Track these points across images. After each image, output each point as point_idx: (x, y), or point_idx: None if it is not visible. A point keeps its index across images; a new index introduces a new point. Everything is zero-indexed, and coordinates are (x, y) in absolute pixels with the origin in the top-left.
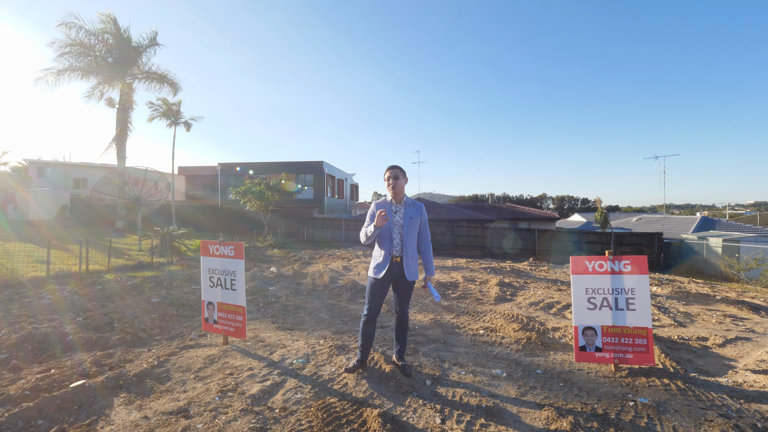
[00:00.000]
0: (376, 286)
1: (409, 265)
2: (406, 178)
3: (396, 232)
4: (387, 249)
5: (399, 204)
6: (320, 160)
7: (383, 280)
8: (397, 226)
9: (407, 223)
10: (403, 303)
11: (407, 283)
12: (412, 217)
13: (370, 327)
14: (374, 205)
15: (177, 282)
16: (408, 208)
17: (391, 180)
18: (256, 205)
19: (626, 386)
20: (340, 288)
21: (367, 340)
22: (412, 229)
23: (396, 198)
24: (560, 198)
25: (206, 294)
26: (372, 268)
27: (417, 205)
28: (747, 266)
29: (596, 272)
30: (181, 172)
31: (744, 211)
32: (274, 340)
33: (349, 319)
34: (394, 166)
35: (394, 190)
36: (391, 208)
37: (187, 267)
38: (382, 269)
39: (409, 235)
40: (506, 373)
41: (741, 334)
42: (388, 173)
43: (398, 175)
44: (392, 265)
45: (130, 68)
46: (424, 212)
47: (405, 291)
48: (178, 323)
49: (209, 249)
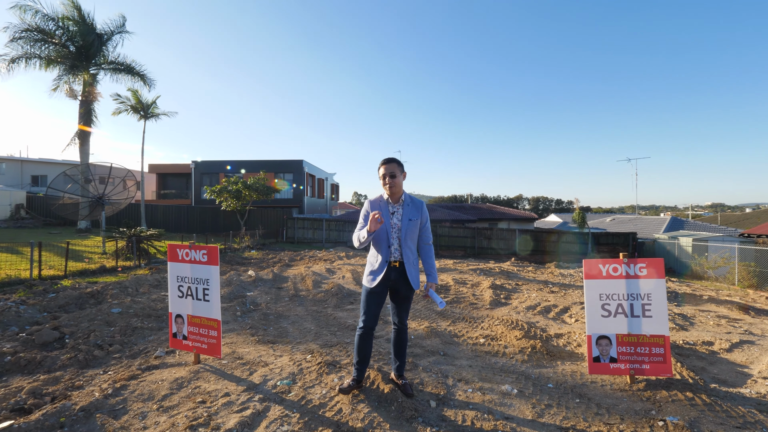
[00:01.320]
0: (372, 295)
1: (410, 272)
2: (404, 173)
3: (393, 236)
4: (384, 254)
5: (396, 204)
6: (300, 159)
7: (380, 289)
8: (395, 229)
9: (406, 225)
10: (402, 314)
11: (408, 291)
12: (411, 218)
13: (367, 341)
14: (368, 203)
15: (144, 288)
16: (407, 208)
17: (388, 178)
18: (232, 204)
19: (647, 401)
20: (324, 293)
21: (364, 357)
22: (412, 231)
23: (393, 197)
24: (536, 199)
25: (174, 305)
26: (367, 275)
27: (417, 203)
28: (715, 264)
29: (610, 276)
30: (152, 169)
31: (703, 212)
32: (254, 356)
33: (337, 329)
34: (389, 160)
35: (391, 189)
36: (387, 208)
37: (157, 271)
38: (377, 276)
39: (409, 239)
40: (517, 390)
41: (743, 337)
42: (383, 169)
43: (395, 171)
44: (389, 271)
45: (94, 57)
46: (425, 211)
47: (404, 301)
48: (143, 337)
49: (178, 254)
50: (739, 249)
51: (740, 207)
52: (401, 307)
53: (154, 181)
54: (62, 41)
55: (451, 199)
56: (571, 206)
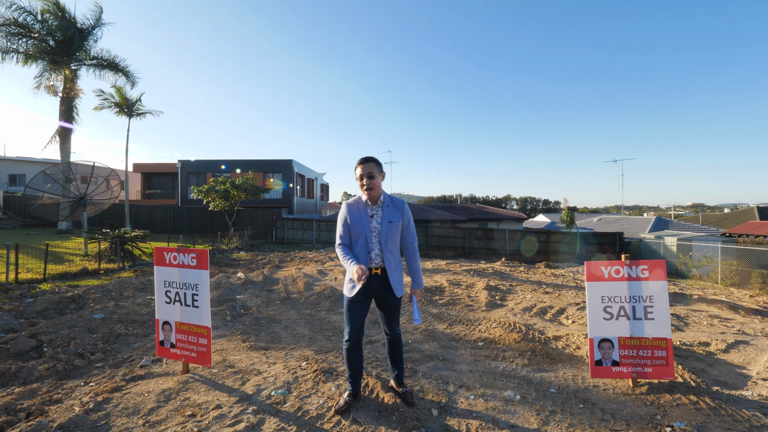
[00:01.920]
0: (354, 305)
1: (393, 278)
2: (383, 173)
3: (374, 240)
4: (363, 261)
5: (375, 205)
6: (289, 159)
7: (362, 298)
8: (375, 233)
9: (386, 228)
10: (392, 323)
11: (393, 299)
12: (391, 220)
13: (356, 354)
14: (345, 207)
15: (128, 291)
16: (386, 210)
17: (365, 179)
18: (220, 204)
19: (651, 405)
20: (317, 296)
21: (356, 369)
22: (393, 234)
23: (372, 199)
24: (523, 199)
25: (161, 312)
26: (346, 282)
27: (397, 203)
28: (699, 264)
29: (612, 278)
30: (137, 168)
31: (684, 212)
32: (246, 364)
33: (332, 334)
34: (367, 160)
35: (369, 192)
36: (366, 210)
37: (142, 273)
38: (357, 285)
39: (390, 243)
40: (520, 396)
41: (737, 337)
42: (360, 169)
43: (373, 172)
44: (370, 279)
45: (75, 52)
46: (408, 211)
47: (391, 309)
48: (127, 344)
49: (165, 257)
50: (721, 248)
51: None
52: (390, 316)
53: (139, 180)
54: (42, 36)
55: (441, 199)
56: (558, 206)
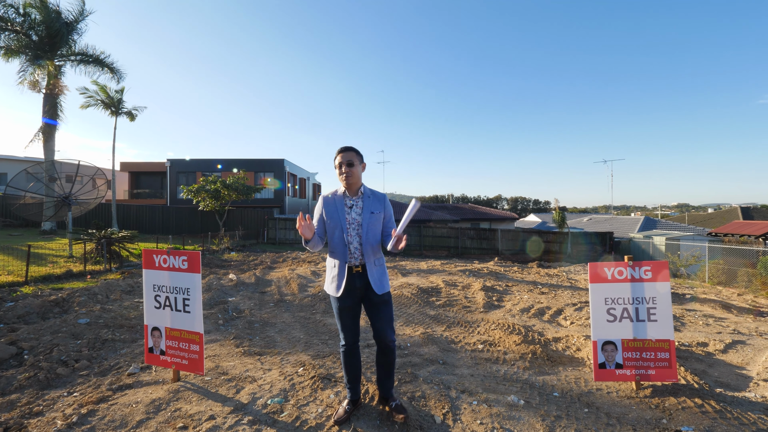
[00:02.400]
0: (342, 306)
1: (373, 274)
2: (363, 163)
3: (353, 233)
4: (341, 256)
5: (355, 196)
6: (281, 158)
7: (349, 302)
8: (354, 225)
9: (367, 219)
10: (381, 327)
11: (377, 298)
12: (373, 211)
13: (353, 358)
14: (321, 200)
15: (115, 294)
16: (368, 201)
17: (344, 167)
18: (210, 204)
19: (656, 409)
20: (311, 297)
21: (354, 374)
22: (374, 226)
23: (350, 189)
24: (514, 199)
25: (150, 317)
26: (327, 283)
27: (378, 196)
28: (687, 263)
29: (616, 280)
30: (124, 167)
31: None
32: (241, 371)
33: (328, 338)
34: (346, 149)
35: (347, 180)
36: (344, 201)
37: (130, 275)
38: (339, 285)
39: (370, 236)
40: (524, 401)
41: (734, 337)
42: (340, 158)
43: (352, 160)
44: (352, 278)
45: (59, 47)
46: (389, 204)
47: (378, 309)
48: (114, 351)
49: (154, 260)
50: (708, 248)
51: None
52: (378, 317)
53: (126, 179)
54: (24, 29)
55: (433, 199)
56: (548, 206)
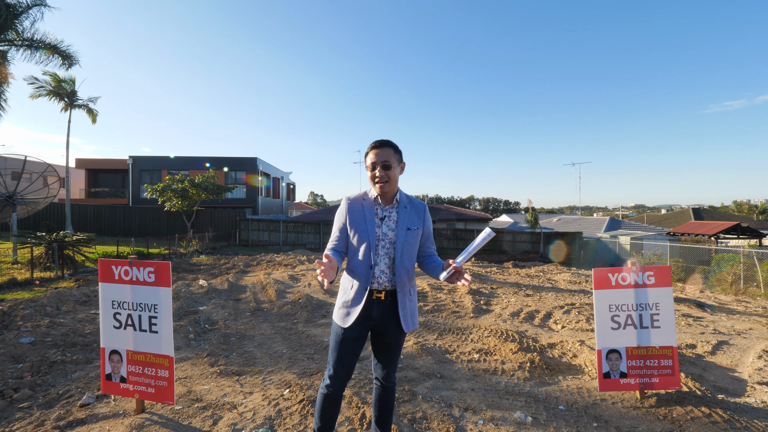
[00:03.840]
0: (346, 338)
1: (406, 307)
2: (403, 162)
3: (380, 252)
4: (362, 278)
5: (389, 205)
6: (254, 157)
7: (357, 332)
8: (384, 242)
9: (402, 236)
10: (390, 366)
11: (397, 334)
12: (410, 227)
13: (334, 404)
14: (345, 204)
15: (68, 305)
16: (404, 213)
17: (379, 169)
18: (177, 204)
19: (665, 420)
20: (291, 305)
21: (328, 424)
22: (410, 246)
23: (384, 196)
24: (486, 200)
25: (108, 339)
26: (339, 306)
27: (418, 206)
28: (650, 261)
29: (620, 286)
30: (81, 165)
31: (628, 212)
32: (217, 395)
33: (314, 351)
34: (382, 143)
35: (382, 187)
36: (372, 209)
37: (85, 283)
38: (353, 311)
39: (405, 258)
40: (531, 417)
41: (717, 337)
42: (374, 155)
43: (390, 159)
44: (370, 305)
45: (2, 32)
46: (429, 217)
47: (392, 348)
48: (64, 375)
49: (113, 272)
50: (669, 247)
51: (657, 208)
52: (388, 357)
53: (82, 177)
54: None
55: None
56: (518, 206)
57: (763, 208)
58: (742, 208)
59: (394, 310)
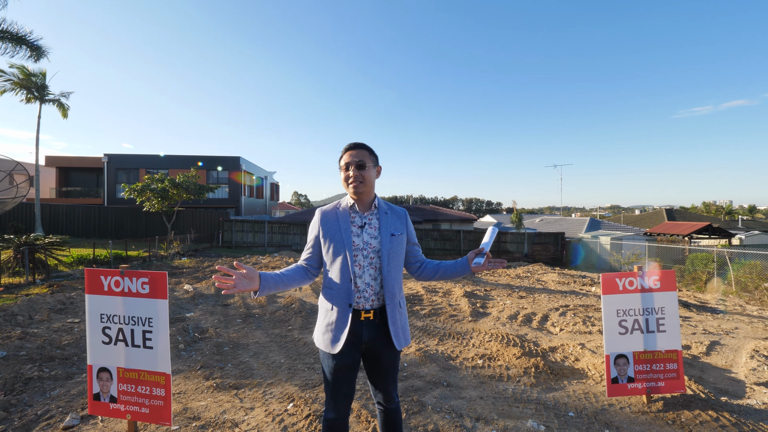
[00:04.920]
0: (338, 366)
1: (396, 322)
2: (379, 166)
3: (363, 263)
4: (342, 296)
5: (367, 211)
6: (236, 156)
7: (348, 356)
8: (367, 252)
9: (387, 243)
10: (389, 388)
11: (392, 354)
12: (393, 233)
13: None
14: (319, 215)
15: (42, 314)
16: (385, 218)
17: (353, 169)
18: (157, 205)
19: (674, 425)
20: (284, 310)
21: None
22: (397, 254)
23: (361, 201)
24: (469, 200)
25: (97, 355)
26: (321, 331)
27: (398, 211)
28: (629, 260)
29: (627, 291)
30: (51, 162)
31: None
32: (216, 413)
33: (314, 360)
34: (355, 145)
35: (357, 188)
36: (347, 216)
37: (60, 288)
38: (337, 337)
39: (393, 268)
40: (543, 426)
41: (708, 338)
42: (348, 156)
43: (365, 160)
44: (358, 327)
45: None
46: (410, 223)
47: (389, 370)
48: (42, 393)
49: (102, 283)
50: (647, 247)
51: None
52: (387, 380)
53: (53, 176)
54: None
55: (392, 200)
56: (500, 207)
57: (729, 209)
58: (710, 209)
59: (385, 329)
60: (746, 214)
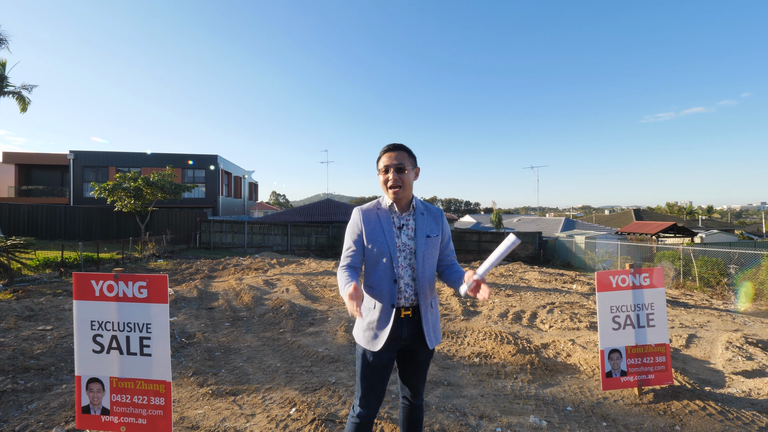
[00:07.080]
0: (376, 363)
1: (428, 321)
2: (417, 168)
3: (403, 263)
4: (386, 296)
5: (405, 212)
6: (214, 154)
7: (386, 354)
8: (405, 253)
9: (423, 245)
10: (419, 385)
11: (427, 352)
12: (429, 234)
13: None
14: (359, 214)
15: (8, 322)
16: (421, 219)
17: (392, 173)
18: (130, 204)
19: (665, 415)
20: (273, 312)
21: None
22: (431, 255)
23: (400, 203)
24: (448, 200)
25: (86, 365)
26: (362, 329)
27: (434, 212)
28: (602, 258)
29: (619, 288)
30: (9, 159)
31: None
32: (216, 421)
33: (311, 363)
34: (395, 147)
35: (396, 192)
36: (389, 219)
37: (26, 294)
38: (381, 334)
39: (427, 269)
40: (545, 421)
41: (686, 331)
42: (387, 159)
43: (404, 163)
44: (399, 325)
45: None
46: (446, 224)
47: (423, 367)
48: (18, 407)
49: (93, 287)
50: (619, 245)
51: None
52: (418, 377)
53: (12, 173)
54: None
55: (371, 199)
56: (478, 207)
57: (690, 209)
58: (673, 209)
59: (420, 327)
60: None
